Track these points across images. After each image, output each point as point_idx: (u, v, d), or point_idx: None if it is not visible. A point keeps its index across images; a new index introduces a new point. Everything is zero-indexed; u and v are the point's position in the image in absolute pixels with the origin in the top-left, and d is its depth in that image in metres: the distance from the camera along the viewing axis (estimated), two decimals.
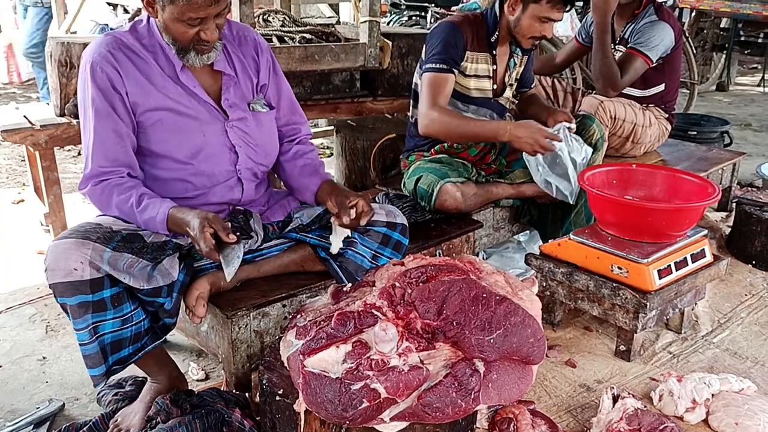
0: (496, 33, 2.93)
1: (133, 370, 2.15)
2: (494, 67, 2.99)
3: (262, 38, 2.28)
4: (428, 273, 1.84)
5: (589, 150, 2.89)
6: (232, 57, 2.15)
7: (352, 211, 2.11)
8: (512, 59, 3.07)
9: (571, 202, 2.90)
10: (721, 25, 7.56)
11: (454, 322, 1.71)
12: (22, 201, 4.32)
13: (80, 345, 1.87)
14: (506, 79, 3.08)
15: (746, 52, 7.29)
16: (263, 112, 2.22)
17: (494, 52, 2.98)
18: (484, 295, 1.75)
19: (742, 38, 7.12)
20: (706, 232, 2.64)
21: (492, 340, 1.70)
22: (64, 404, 2.27)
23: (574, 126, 2.93)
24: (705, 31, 7.72)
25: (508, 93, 3.11)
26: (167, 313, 2.00)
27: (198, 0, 1.85)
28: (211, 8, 1.89)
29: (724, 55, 7.59)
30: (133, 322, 1.94)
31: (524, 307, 1.76)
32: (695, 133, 4.45)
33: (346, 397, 1.63)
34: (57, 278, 1.81)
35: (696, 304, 2.74)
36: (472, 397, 1.68)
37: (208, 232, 1.89)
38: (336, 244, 2.20)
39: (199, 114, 2.08)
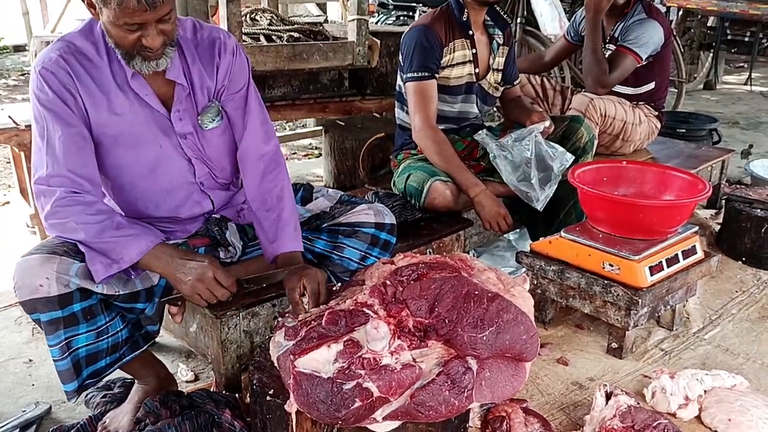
0: (465, 12, 2.95)
1: (121, 372, 2.12)
2: (474, 51, 3.01)
3: (233, 41, 2.07)
4: (419, 271, 1.82)
5: (570, 157, 2.88)
6: (191, 66, 1.98)
7: (304, 299, 1.86)
8: (494, 41, 3.08)
9: (539, 209, 2.89)
10: (708, 24, 7.60)
11: (447, 320, 1.69)
12: (8, 203, 4.28)
13: (53, 360, 1.84)
14: (490, 62, 3.08)
15: (733, 50, 7.31)
16: (211, 128, 2.04)
17: (470, 32, 2.99)
18: (476, 293, 1.73)
19: (729, 37, 7.15)
20: (696, 228, 2.64)
21: (485, 338, 1.68)
22: (50, 407, 2.23)
23: (548, 123, 2.93)
24: (692, 30, 7.75)
25: (492, 78, 3.11)
26: (149, 319, 1.98)
27: (130, 5, 1.67)
28: (148, 14, 1.70)
29: (711, 54, 7.62)
30: (110, 334, 1.91)
31: (516, 303, 1.74)
32: (684, 130, 4.46)
33: (338, 397, 1.61)
34: (24, 296, 1.77)
35: (687, 300, 2.73)
36: (465, 395, 1.66)
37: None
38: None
39: (153, 124, 1.95)
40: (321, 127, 4.64)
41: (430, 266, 1.83)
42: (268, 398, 1.75)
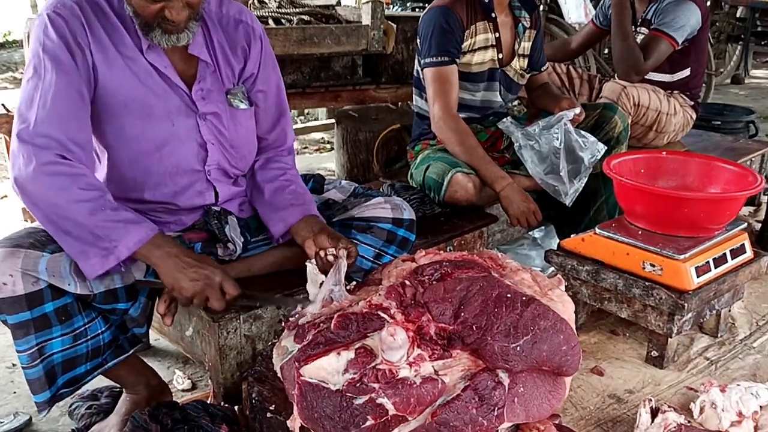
0: None
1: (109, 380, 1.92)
2: (497, 34, 2.78)
3: (258, 24, 1.95)
4: (443, 270, 1.60)
5: (602, 147, 2.66)
6: (215, 41, 1.82)
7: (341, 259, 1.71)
8: (520, 24, 2.85)
9: (567, 204, 2.68)
10: (737, 15, 7.34)
11: (474, 327, 1.47)
12: (5, 197, 4.11)
13: (22, 368, 1.63)
14: (516, 47, 2.85)
15: (763, 42, 7.05)
16: (242, 108, 1.89)
17: (493, 15, 2.76)
18: (509, 295, 1.51)
19: (759, 29, 6.89)
20: (745, 225, 2.40)
21: (518, 348, 1.45)
22: (31, 418, 2.04)
23: (579, 110, 2.71)
24: (717, 23, 7.50)
25: (517, 64, 2.88)
26: (135, 321, 1.77)
27: None
28: None
29: (739, 47, 7.35)
30: (89, 337, 1.70)
31: (555, 309, 1.52)
32: (719, 122, 4.23)
33: (347, 413, 1.40)
34: None
35: (733, 304, 2.49)
36: (496, 414, 1.44)
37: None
38: (313, 291, 1.71)
39: (170, 100, 1.77)
40: (333, 120, 4.47)
41: (456, 265, 1.61)
42: (269, 414, 1.54)
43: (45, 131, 1.59)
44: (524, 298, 1.51)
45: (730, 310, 2.53)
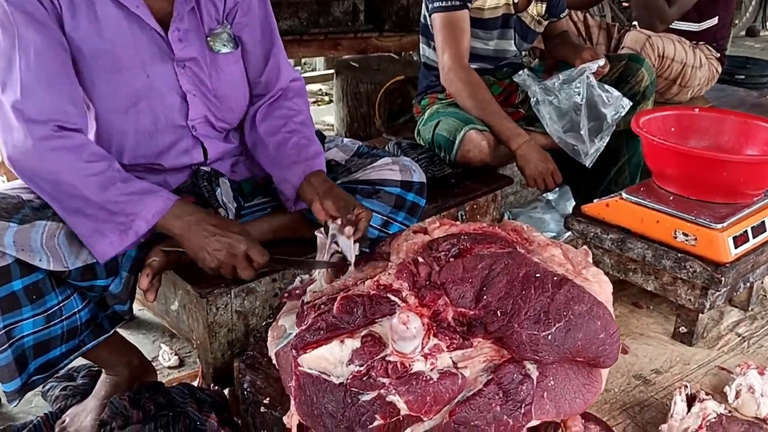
0: None
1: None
2: None
3: None
4: (461, 244, 1.40)
5: (626, 103, 2.46)
6: None
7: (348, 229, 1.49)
8: None
9: (587, 165, 2.49)
10: None
11: (499, 312, 1.28)
12: None
13: None
14: None
15: None
16: (224, 52, 1.67)
17: None
18: (538, 275, 1.31)
19: None
20: None
21: (550, 337, 1.26)
22: (0, 400, 1.85)
23: (603, 62, 2.48)
24: None
25: (534, 9, 2.65)
26: (116, 297, 1.57)
27: None
28: None
29: None
30: (64, 316, 1.50)
31: (591, 290, 1.32)
32: (743, 77, 4.00)
33: (352, 411, 1.22)
34: None
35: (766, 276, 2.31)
36: (523, 411, 1.26)
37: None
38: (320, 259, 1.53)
39: (143, 47, 1.56)
40: (332, 71, 4.24)
41: (475, 239, 1.41)
42: (262, 408, 1.36)
43: (36, 97, 1.42)
44: (555, 278, 1.31)
45: (762, 282, 2.34)
